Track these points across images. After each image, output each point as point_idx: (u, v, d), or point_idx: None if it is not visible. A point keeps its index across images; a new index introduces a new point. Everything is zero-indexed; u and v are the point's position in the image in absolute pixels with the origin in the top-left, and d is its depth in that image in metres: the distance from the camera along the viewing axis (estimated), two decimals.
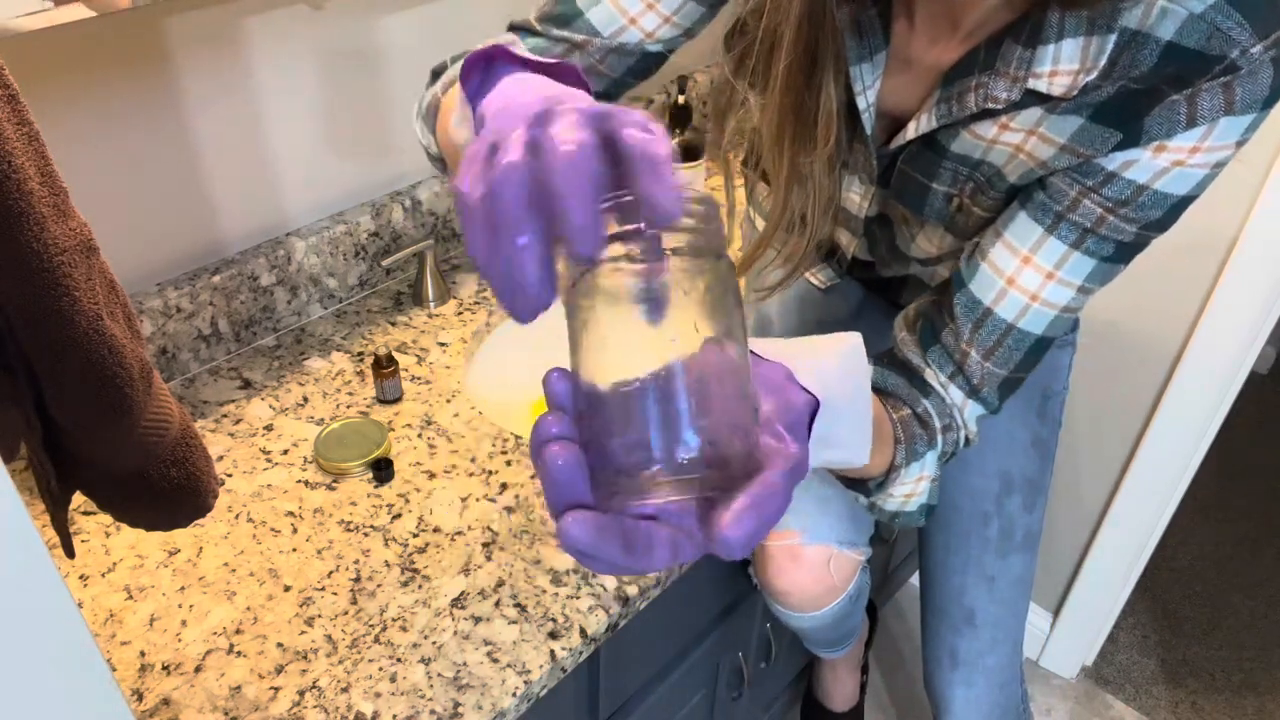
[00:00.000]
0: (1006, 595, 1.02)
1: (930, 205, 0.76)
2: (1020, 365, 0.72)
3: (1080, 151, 0.64)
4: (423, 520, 0.94)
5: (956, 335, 0.71)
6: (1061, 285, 0.68)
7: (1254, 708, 1.76)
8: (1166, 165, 0.63)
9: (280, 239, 1.17)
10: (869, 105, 0.70)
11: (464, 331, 1.20)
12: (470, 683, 0.79)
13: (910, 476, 0.68)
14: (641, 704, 1.07)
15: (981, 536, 1.01)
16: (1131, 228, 0.66)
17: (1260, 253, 1.28)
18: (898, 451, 0.67)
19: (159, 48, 0.98)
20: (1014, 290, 0.69)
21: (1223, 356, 1.37)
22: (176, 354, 1.09)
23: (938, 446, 0.69)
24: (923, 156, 0.73)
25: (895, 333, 0.76)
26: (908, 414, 0.69)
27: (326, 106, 1.15)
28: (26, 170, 0.49)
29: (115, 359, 0.55)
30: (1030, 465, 1.00)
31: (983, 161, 0.70)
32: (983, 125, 0.68)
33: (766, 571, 0.96)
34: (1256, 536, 2.11)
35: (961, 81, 0.65)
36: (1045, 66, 0.61)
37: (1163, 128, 0.61)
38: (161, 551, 0.90)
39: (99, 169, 0.99)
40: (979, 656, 1.04)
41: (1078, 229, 0.66)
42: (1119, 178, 0.64)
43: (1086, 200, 0.65)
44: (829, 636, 1.12)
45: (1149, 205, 0.65)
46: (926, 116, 0.69)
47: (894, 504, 0.70)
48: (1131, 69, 0.60)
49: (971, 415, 0.74)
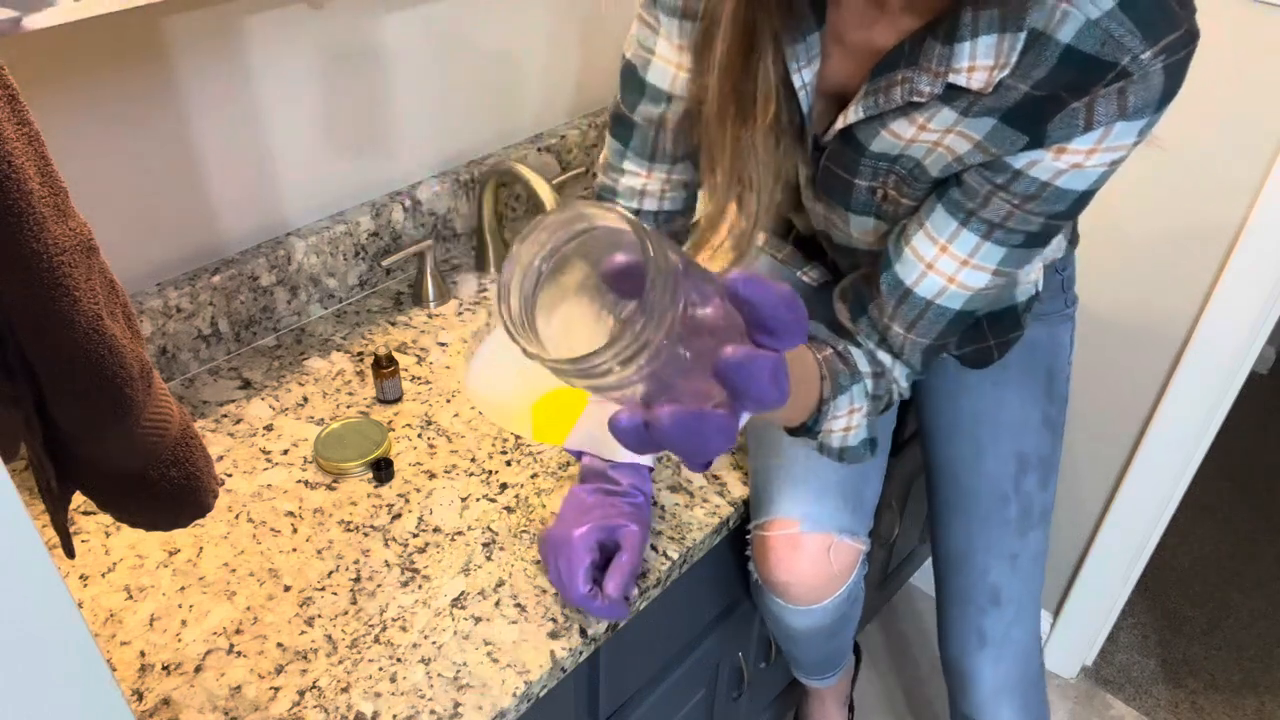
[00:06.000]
0: (1028, 571, 1.06)
1: (855, 200, 0.81)
2: (941, 335, 0.79)
3: (991, 150, 0.70)
4: (423, 520, 0.94)
5: (881, 309, 0.79)
6: (976, 270, 0.75)
7: (1254, 708, 1.76)
8: (1066, 167, 0.68)
9: (280, 239, 1.17)
10: (804, 85, 0.75)
11: (464, 331, 1.20)
12: (470, 683, 0.79)
13: (841, 409, 0.76)
14: (641, 704, 1.07)
15: (1002, 518, 1.04)
16: (1038, 219, 0.72)
17: (1259, 253, 1.28)
18: (824, 386, 0.74)
19: (159, 47, 0.98)
20: (933, 274, 0.76)
21: (1222, 357, 1.37)
22: (176, 354, 1.09)
23: (863, 382, 0.77)
24: (844, 154, 0.78)
25: (834, 302, 0.84)
26: (830, 352, 0.76)
27: (326, 106, 1.15)
28: (26, 170, 0.49)
29: (115, 359, 0.55)
30: (1043, 444, 1.04)
31: (902, 155, 0.76)
32: (901, 125, 0.73)
33: (767, 563, 0.96)
34: (1256, 536, 2.11)
35: (888, 75, 0.70)
36: (964, 62, 0.66)
37: (1063, 132, 0.66)
38: (161, 551, 0.90)
39: (99, 169, 0.99)
40: (1006, 631, 1.07)
41: (987, 223, 0.73)
42: (1024, 175, 0.70)
43: (996, 198, 0.71)
44: (823, 649, 1.12)
45: (1053, 200, 0.70)
46: (855, 108, 0.73)
47: (836, 439, 0.78)
48: (1035, 68, 0.65)
49: (901, 374, 0.82)
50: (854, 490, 0.97)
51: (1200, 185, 1.29)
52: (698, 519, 0.96)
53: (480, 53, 1.29)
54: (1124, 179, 1.34)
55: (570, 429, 1.00)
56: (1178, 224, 1.34)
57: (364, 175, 1.23)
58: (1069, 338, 1.06)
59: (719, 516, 0.96)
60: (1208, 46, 1.21)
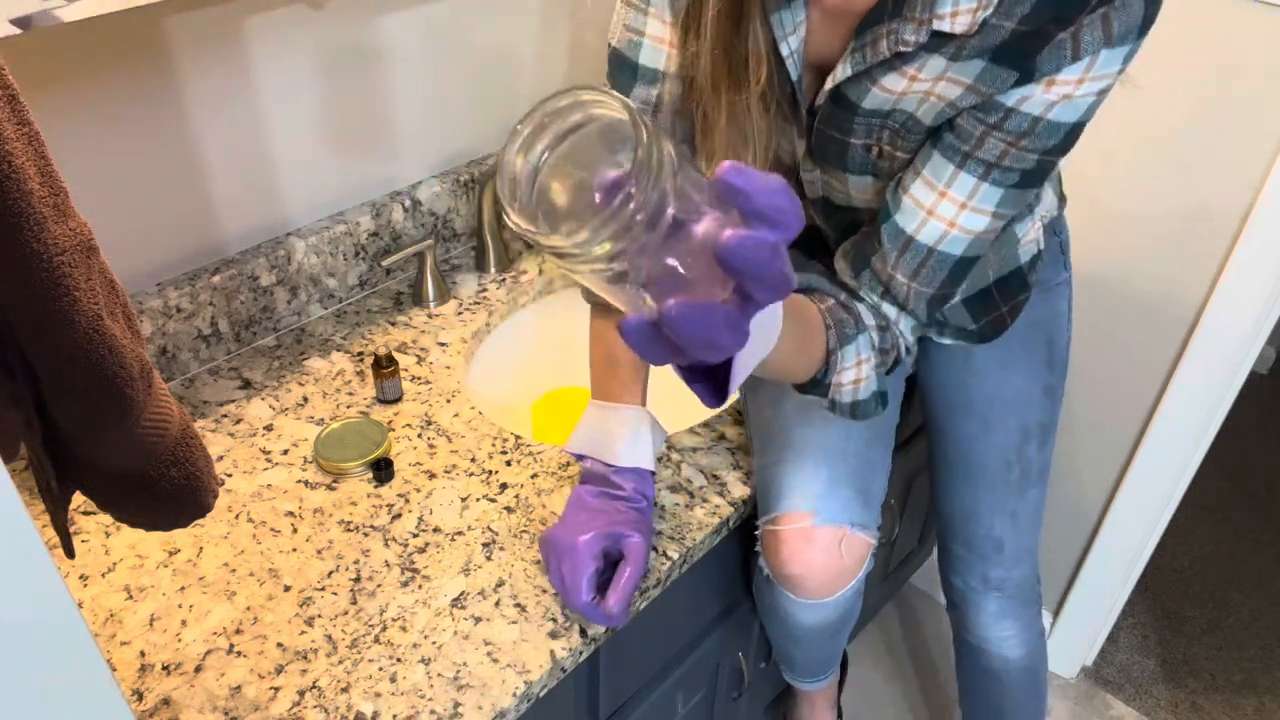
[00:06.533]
0: (1027, 524, 1.15)
1: (851, 160, 0.83)
2: (944, 284, 0.80)
3: (983, 91, 0.72)
4: (423, 520, 0.94)
5: (884, 260, 0.80)
6: (975, 213, 0.76)
7: (1254, 708, 1.76)
8: (1056, 98, 0.70)
9: (280, 239, 1.17)
10: (791, 51, 0.76)
11: (464, 331, 1.20)
12: (470, 683, 0.79)
13: (849, 361, 0.76)
14: (641, 704, 1.07)
15: (1005, 482, 1.11)
16: (1033, 156, 0.73)
17: (1259, 253, 1.28)
18: (830, 337, 0.75)
19: (159, 48, 0.98)
20: (933, 219, 0.77)
21: (1222, 356, 1.37)
22: (176, 354, 1.09)
23: (868, 332, 0.78)
24: (836, 115, 0.79)
25: (835, 264, 0.85)
26: (832, 303, 0.77)
27: (326, 106, 1.15)
28: (26, 170, 0.49)
29: (115, 359, 0.55)
30: (1044, 412, 1.10)
31: (895, 110, 0.77)
32: (892, 79, 0.74)
33: (779, 557, 0.96)
34: (1256, 536, 2.10)
35: (873, 30, 0.72)
36: (946, 8, 0.68)
37: (1052, 64, 0.68)
38: (161, 551, 0.90)
39: (99, 169, 0.99)
40: (1007, 573, 1.18)
41: (984, 163, 0.74)
42: (1017, 112, 0.71)
43: (990, 138, 0.73)
44: (824, 647, 1.12)
45: (1045, 134, 0.72)
46: (843, 65, 0.75)
47: (847, 393, 0.79)
48: (1019, 4, 0.67)
49: (906, 328, 0.82)
50: (864, 483, 0.97)
51: (1201, 186, 1.30)
52: (698, 519, 0.96)
53: (480, 53, 1.29)
54: (1127, 176, 1.35)
55: (570, 429, 1.00)
56: (1178, 223, 1.34)
57: (364, 175, 1.23)
58: (1067, 304, 1.09)
59: (719, 516, 0.96)
60: (1208, 46, 1.22)
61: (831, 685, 1.37)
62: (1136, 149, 1.32)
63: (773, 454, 0.98)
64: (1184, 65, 1.23)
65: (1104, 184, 1.37)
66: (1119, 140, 1.32)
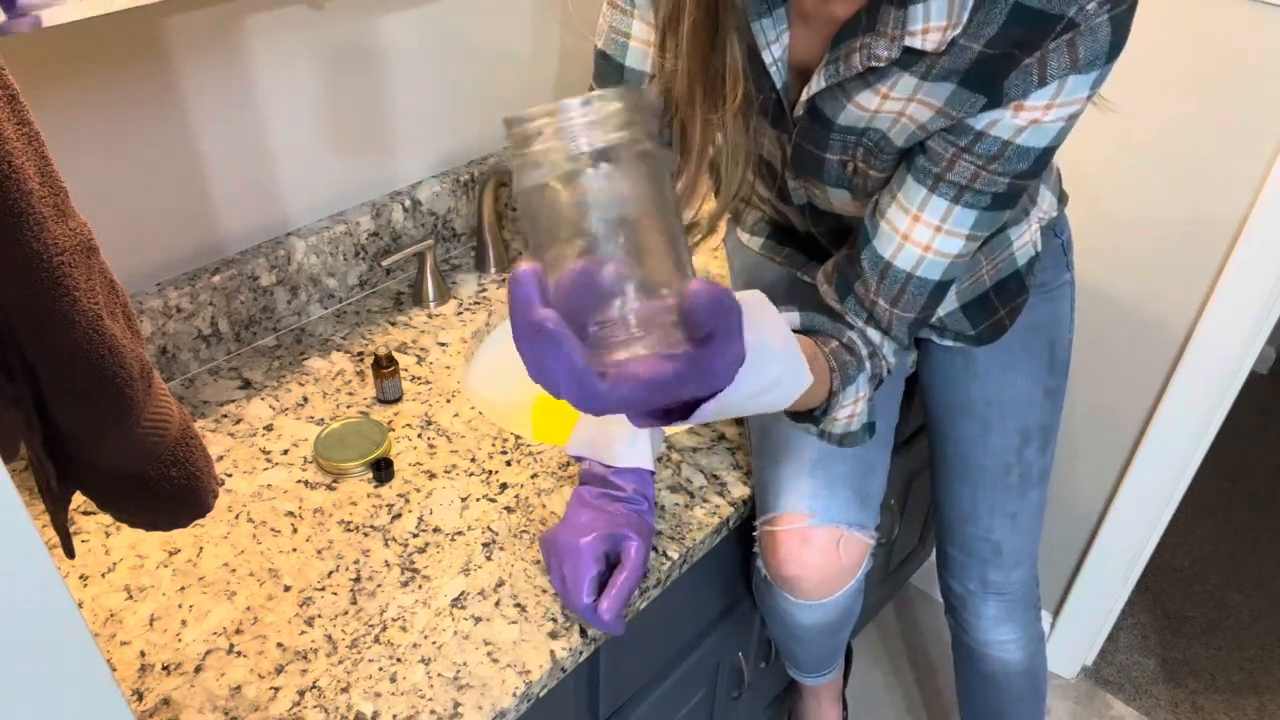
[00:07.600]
0: (1027, 527, 1.14)
1: (828, 174, 0.84)
2: (924, 308, 0.81)
3: (952, 115, 0.73)
4: (423, 520, 0.94)
5: (865, 286, 0.81)
6: (950, 236, 0.77)
7: (1254, 708, 1.76)
8: (1025, 123, 0.71)
9: (280, 239, 1.17)
10: (775, 60, 0.77)
11: (464, 331, 1.20)
12: (470, 683, 0.79)
13: (848, 399, 0.78)
14: (641, 704, 1.07)
15: (1005, 484, 1.11)
16: (1004, 180, 0.74)
17: (1259, 253, 1.28)
18: (834, 379, 0.76)
19: (159, 48, 0.98)
20: (909, 244, 0.78)
21: (1222, 356, 1.37)
22: (176, 354, 1.09)
23: (866, 370, 0.80)
24: (813, 130, 0.81)
25: (819, 284, 0.86)
26: (836, 345, 0.78)
27: (326, 107, 1.15)
28: (26, 170, 0.49)
29: (115, 359, 0.55)
30: (1045, 415, 1.10)
31: (868, 128, 0.78)
32: (865, 96, 0.75)
33: (776, 558, 0.96)
34: (1256, 536, 2.11)
35: (847, 43, 0.72)
36: (918, 24, 0.68)
37: (1019, 89, 0.69)
38: (161, 551, 0.90)
39: (99, 169, 0.99)
40: (1006, 576, 1.18)
41: (955, 186, 0.75)
42: (986, 136, 0.72)
43: (960, 160, 0.74)
44: (825, 645, 1.12)
45: (1015, 159, 0.73)
46: (817, 77, 0.75)
47: (840, 426, 0.80)
48: (985, 25, 0.67)
49: (889, 350, 0.84)
50: (861, 483, 0.97)
51: (1200, 187, 1.30)
52: (698, 519, 0.96)
53: (480, 52, 1.29)
54: (1126, 178, 1.35)
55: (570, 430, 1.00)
56: (1178, 225, 1.34)
57: (364, 175, 1.23)
58: (1069, 306, 1.09)
59: (719, 516, 0.96)
60: (1208, 46, 1.22)
61: (836, 679, 1.36)
62: (1136, 150, 1.32)
63: (770, 454, 0.98)
64: (1184, 66, 1.23)
65: (1103, 185, 1.37)
66: (1118, 142, 1.33)
